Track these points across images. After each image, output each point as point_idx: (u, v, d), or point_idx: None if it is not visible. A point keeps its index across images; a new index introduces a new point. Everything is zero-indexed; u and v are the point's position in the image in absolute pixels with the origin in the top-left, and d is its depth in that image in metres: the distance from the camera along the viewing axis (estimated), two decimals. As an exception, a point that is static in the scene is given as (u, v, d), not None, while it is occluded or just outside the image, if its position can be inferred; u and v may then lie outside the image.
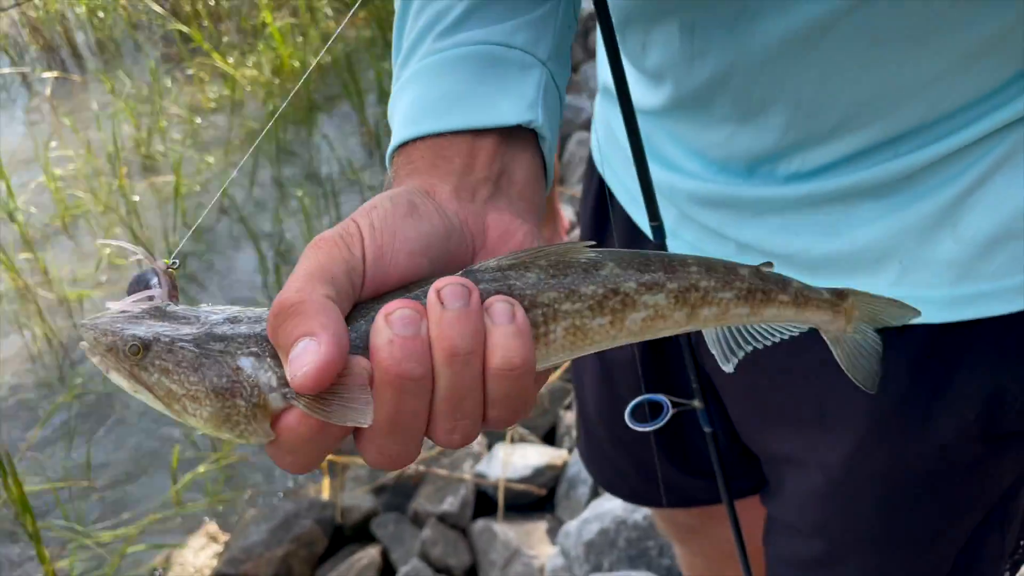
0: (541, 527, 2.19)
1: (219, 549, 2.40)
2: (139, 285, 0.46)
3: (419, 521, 2.29)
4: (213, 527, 2.47)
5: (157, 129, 4.18)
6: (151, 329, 0.44)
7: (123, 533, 2.42)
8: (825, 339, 0.58)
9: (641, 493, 1.04)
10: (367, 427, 0.43)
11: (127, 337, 0.43)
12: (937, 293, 0.69)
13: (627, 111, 0.60)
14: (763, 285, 0.51)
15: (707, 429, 0.75)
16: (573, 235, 2.66)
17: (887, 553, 0.79)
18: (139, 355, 0.43)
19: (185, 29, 4.70)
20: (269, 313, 0.43)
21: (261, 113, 4.36)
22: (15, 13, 5.18)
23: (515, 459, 2.29)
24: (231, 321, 0.44)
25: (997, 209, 0.67)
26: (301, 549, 2.31)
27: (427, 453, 2.43)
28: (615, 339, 0.48)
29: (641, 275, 0.47)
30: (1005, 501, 0.78)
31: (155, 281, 0.46)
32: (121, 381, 0.44)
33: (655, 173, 0.65)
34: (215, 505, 2.55)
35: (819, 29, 0.61)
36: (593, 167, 0.91)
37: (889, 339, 0.60)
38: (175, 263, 0.47)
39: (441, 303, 0.43)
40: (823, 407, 0.77)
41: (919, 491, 0.76)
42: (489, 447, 2.42)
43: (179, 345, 0.43)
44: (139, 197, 3.77)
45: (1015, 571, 0.85)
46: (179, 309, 0.45)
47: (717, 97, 0.69)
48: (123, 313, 0.45)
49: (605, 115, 0.86)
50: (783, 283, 0.52)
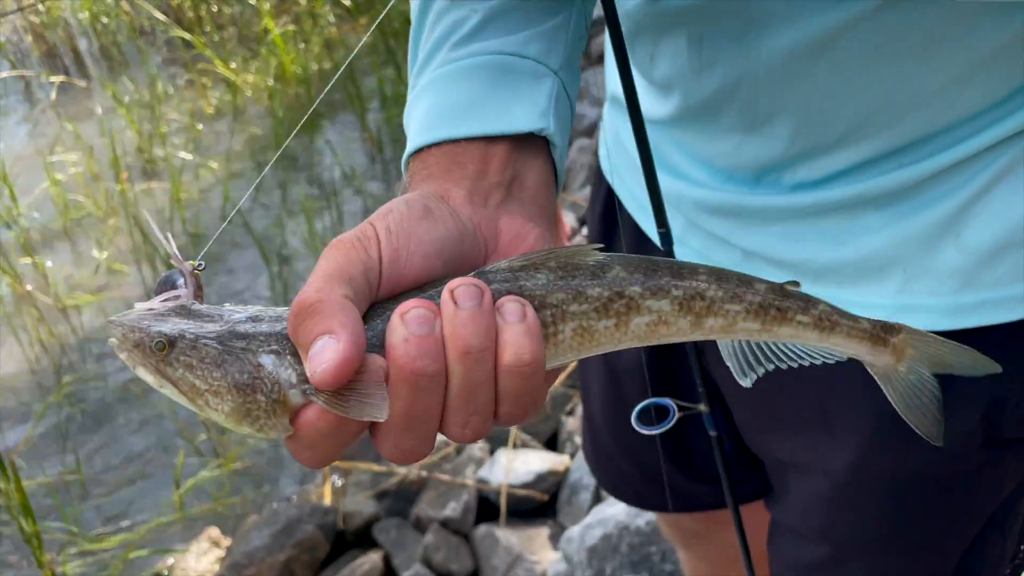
0: (543, 533, 2.19)
1: (221, 554, 2.40)
2: (166, 285, 0.48)
3: (421, 526, 2.29)
4: (215, 532, 2.48)
5: (158, 134, 4.20)
6: (176, 326, 0.45)
7: (126, 539, 2.43)
8: (875, 377, 0.55)
9: (646, 497, 1.04)
10: (383, 422, 0.44)
11: (153, 334, 0.45)
12: (940, 301, 0.70)
13: (636, 121, 0.61)
14: (779, 303, 0.50)
15: (712, 433, 0.76)
16: (574, 241, 2.67)
17: (890, 557, 0.80)
18: (165, 351, 0.45)
19: (187, 36, 4.71)
20: (289, 312, 0.44)
21: (263, 119, 4.38)
22: (16, 19, 5.19)
23: (517, 465, 2.29)
24: (253, 320, 0.46)
25: (1000, 219, 0.68)
26: (303, 554, 2.32)
27: (429, 458, 2.44)
28: (620, 342, 0.49)
29: (647, 280, 0.48)
30: (1006, 506, 0.79)
31: (181, 282, 0.48)
32: (147, 376, 0.46)
33: (663, 181, 0.66)
34: (217, 510, 2.56)
35: (825, 42, 0.62)
36: (601, 175, 0.93)
37: None
38: (201, 265, 0.49)
39: (455, 302, 0.44)
40: (828, 412, 0.78)
41: (922, 496, 0.77)
42: (491, 452, 2.42)
43: (203, 342, 0.45)
44: (140, 202, 3.78)
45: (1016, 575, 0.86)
46: (203, 308, 0.47)
47: (724, 107, 0.71)
48: (150, 311, 0.46)
49: (614, 124, 0.88)
50: (806, 303, 0.51)
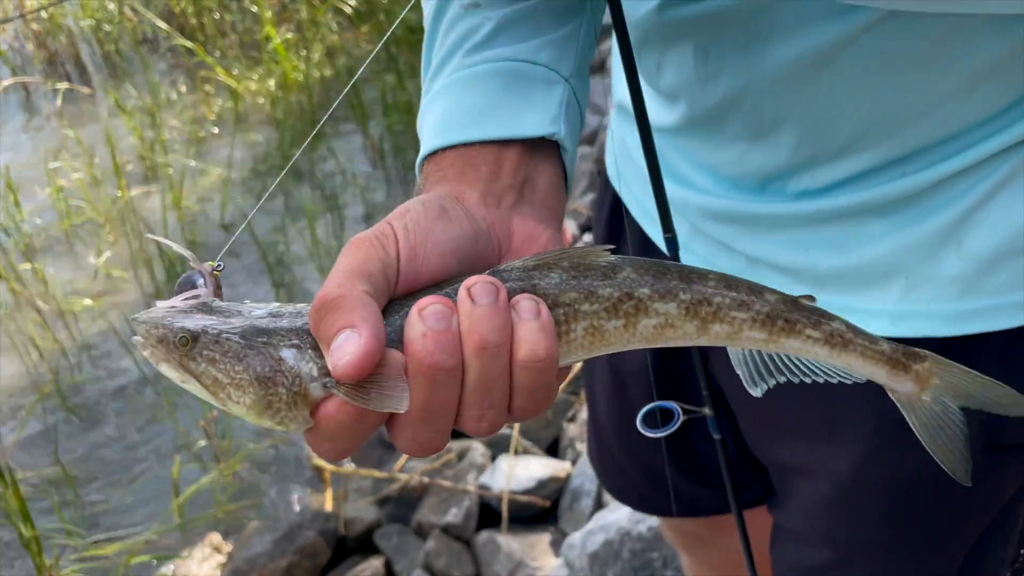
0: (545, 539, 2.20)
1: (222, 560, 2.40)
2: (186, 285, 0.49)
3: (423, 532, 2.30)
4: (216, 538, 2.48)
5: (160, 141, 4.21)
6: (198, 322, 0.46)
7: (128, 546, 2.43)
8: (897, 404, 0.55)
9: (650, 501, 1.05)
10: (401, 415, 0.45)
11: (176, 329, 0.46)
12: (941, 308, 0.71)
13: (644, 128, 0.62)
14: (788, 315, 0.50)
15: (716, 436, 0.77)
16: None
17: (892, 560, 0.81)
18: (188, 346, 0.46)
19: (189, 44, 4.73)
20: (311, 307, 0.46)
21: (265, 126, 4.39)
22: (17, 25, 5.21)
23: (519, 471, 2.30)
24: (273, 315, 0.47)
25: (1000, 227, 0.69)
26: (304, 560, 2.32)
27: (431, 464, 2.45)
28: (629, 342, 0.50)
29: (656, 282, 0.49)
30: (1007, 510, 0.80)
31: (201, 282, 0.49)
32: (170, 372, 0.47)
33: (668, 188, 0.68)
34: (218, 516, 2.56)
35: (829, 53, 0.64)
36: (607, 181, 0.94)
37: None
38: (220, 265, 0.50)
39: (471, 299, 0.45)
40: (831, 417, 0.79)
41: (924, 500, 0.78)
42: (493, 459, 2.43)
43: (225, 337, 0.46)
44: (140, 209, 3.80)
45: (1016, 580, 0.86)
46: (224, 304, 0.48)
47: (729, 117, 0.72)
48: (172, 308, 0.47)
49: (620, 132, 0.89)
50: (818, 318, 0.51)
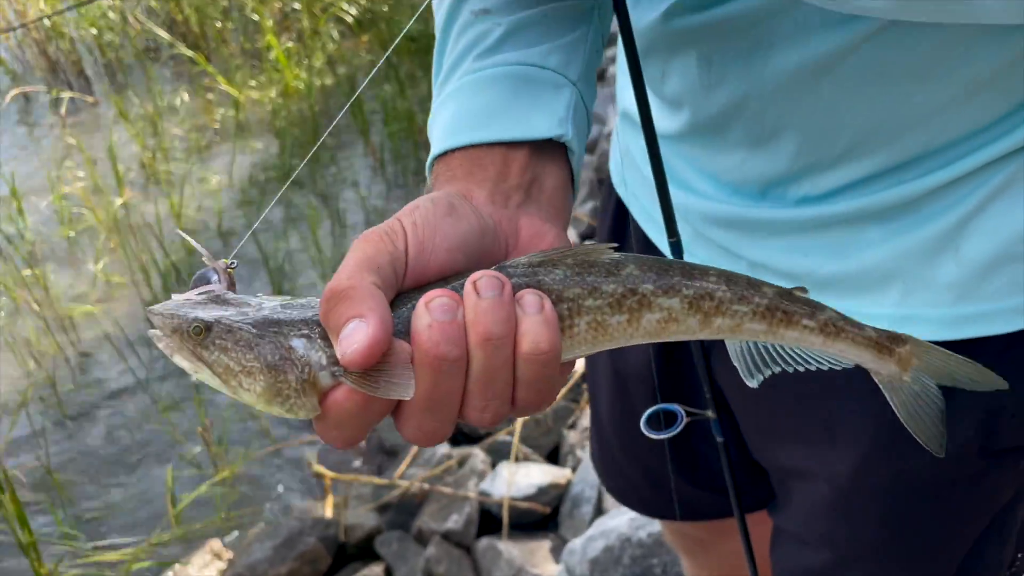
0: (545, 545, 2.20)
1: (223, 566, 2.41)
2: (200, 282, 0.51)
3: (423, 539, 2.30)
4: (217, 544, 2.48)
5: (161, 149, 4.23)
6: (212, 312, 0.48)
7: (127, 555, 2.43)
8: (880, 385, 0.58)
9: (652, 504, 1.06)
10: (407, 403, 0.47)
11: (191, 319, 0.47)
12: (939, 313, 0.73)
13: (650, 134, 0.64)
14: (786, 307, 0.52)
15: (719, 439, 0.78)
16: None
17: (891, 562, 0.82)
18: (201, 335, 0.47)
19: (191, 54, 4.76)
20: (321, 298, 0.47)
21: (266, 134, 4.41)
22: (18, 33, 5.23)
23: (519, 478, 2.31)
24: (284, 307, 0.49)
25: (997, 233, 0.70)
26: (305, 567, 2.32)
27: (431, 471, 2.45)
28: (632, 337, 0.52)
29: (659, 278, 0.51)
30: (1004, 513, 0.81)
31: (215, 278, 0.51)
32: (183, 362, 0.48)
33: (671, 194, 0.69)
34: (218, 523, 2.56)
35: (829, 62, 0.65)
36: (612, 187, 0.95)
37: None
38: (233, 263, 0.52)
39: (477, 293, 0.47)
40: (831, 421, 0.80)
41: (922, 502, 0.79)
42: (493, 466, 2.44)
43: (237, 326, 0.47)
44: (141, 216, 3.81)
45: (1013, 583, 0.87)
46: (236, 297, 0.49)
47: (732, 124, 0.73)
48: (187, 300, 0.49)
49: (624, 139, 0.90)
50: (812, 309, 0.53)
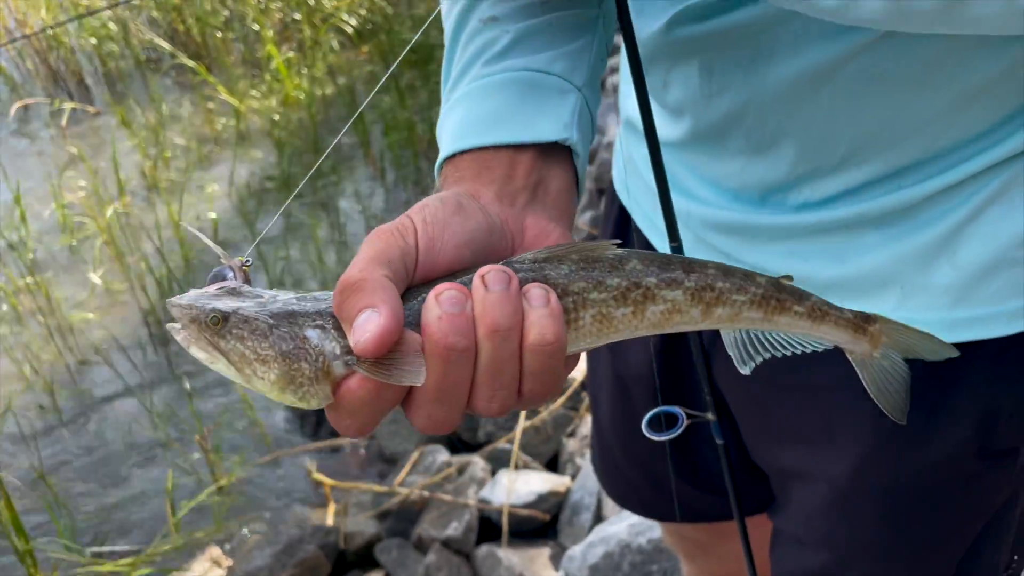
0: (544, 553, 2.21)
1: (223, 574, 2.41)
2: (217, 279, 0.52)
3: (423, 547, 2.31)
4: (217, 552, 2.49)
5: (163, 159, 4.25)
6: (229, 304, 0.49)
7: (128, 563, 2.43)
8: (852, 362, 0.61)
9: (653, 507, 1.07)
10: (418, 393, 0.48)
11: (208, 310, 0.49)
12: (936, 316, 0.74)
13: (652, 144, 0.66)
14: (778, 294, 0.55)
15: (719, 441, 0.80)
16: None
17: (890, 563, 0.83)
18: (219, 325, 0.49)
19: (192, 64, 4.78)
20: (335, 290, 0.49)
21: (266, 142, 4.43)
22: (21, 45, 5.26)
23: (519, 485, 2.32)
24: (299, 300, 0.50)
25: (992, 239, 0.72)
26: (305, 574, 2.33)
27: (431, 479, 2.46)
28: (636, 329, 0.53)
29: (662, 272, 0.52)
30: (1000, 515, 0.82)
31: (231, 275, 0.52)
32: (199, 353, 0.50)
33: (673, 200, 0.70)
34: (219, 531, 2.57)
35: (827, 71, 0.67)
36: (614, 194, 0.97)
37: None
38: (248, 261, 0.53)
39: (485, 286, 0.48)
40: (830, 423, 0.81)
41: (920, 503, 0.80)
42: (493, 473, 2.45)
43: (254, 316, 0.49)
44: (141, 225, 3.83)
45: (1010, 585, 0.89)
46: (252, 290, 0.51)
47: (732, 131, 0.75)
48: (204, 293, 0.51)
49: (627, 147, 0.92)
50: (799, 296, 0.56)
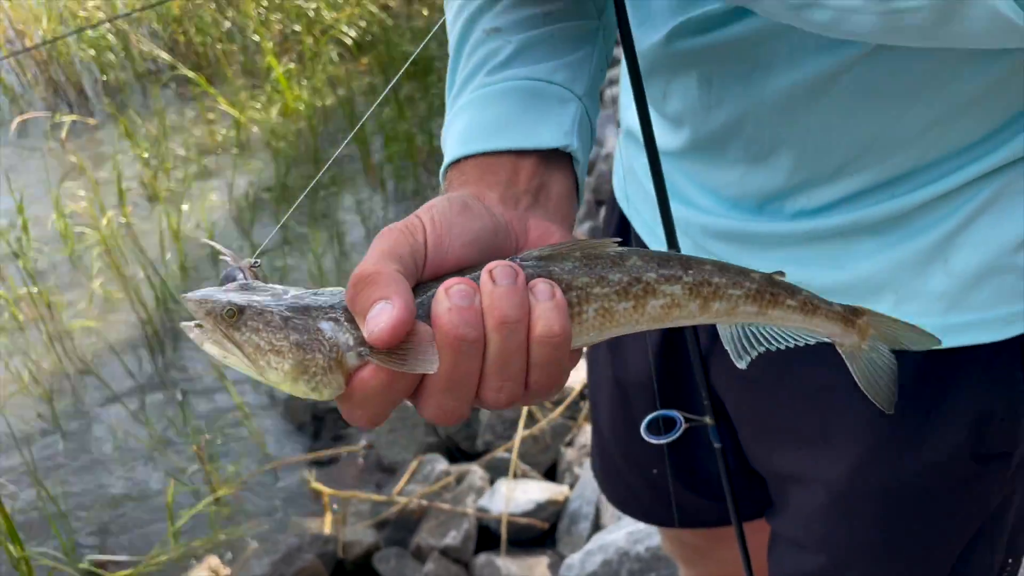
0: (543, 562, 2.22)
1: (221, 582, 2.42)
2: (228, 280, 0.54)
3: (421, 555, 2.31)
4: (215, 561, 2.49)
5: (164, 169, 4.28)
6: (244, 297, 0.51)
7: (130, 573, 2.43)
8: (842, 354, 0.63)
9: (652, 512, 1.09)
10: (429, 383, 0.50)
11: (224, 302, 0.50)
12: (929, 322, 0.75)
13: (652, 154, 0.68)
14: (772, 289, 0.57)
15: (717, 445, 0.81)
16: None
17: (885, 565, 0.84)
18: (234, 318, 0.50)
19: (192, 75, 4.81)
20: (348, 284, 0.50)
21: (266, 151, 4.45)
22: (22, 58, 5.28)
23: (517, 494, 2.32)
24: (312, 294, 0.52)
25: (984, 246, 0.74)
26: (303, 582, 2.33)
27: (429, 487, 2.47)
28: (637, 323, 0.55)
29: (661, 268, 0.54)
30: (994, 518, 0.83)
31: (241, 276, 0.54)
32: (212, 349, 0.51)
33: (672, 208, 0.72)
34: (217, 540, 2.57)
35: (822, 83, 0.69)
36: (615, 202, 0.99)
37: None
38: (257, 263, 0.55)
39: (493, 280, 0.50)
40: (826, 426, 0.82)
41: (916, 505, 0.81)
42: (491, 482, 2.45)
43: (268, 309, 0.50)
44: (140, 234, 3.84)
45: (1004, 588, 0.90)
46: (265, 286, 0.52)
47: (731, 141, 0.77)
48: (218, 289, 0.52)
49: (627, 156, 0.94)
50: (792, 290, 0.58)
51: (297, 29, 5.34)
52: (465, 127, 0.63)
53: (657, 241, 0.89)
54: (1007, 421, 0.78)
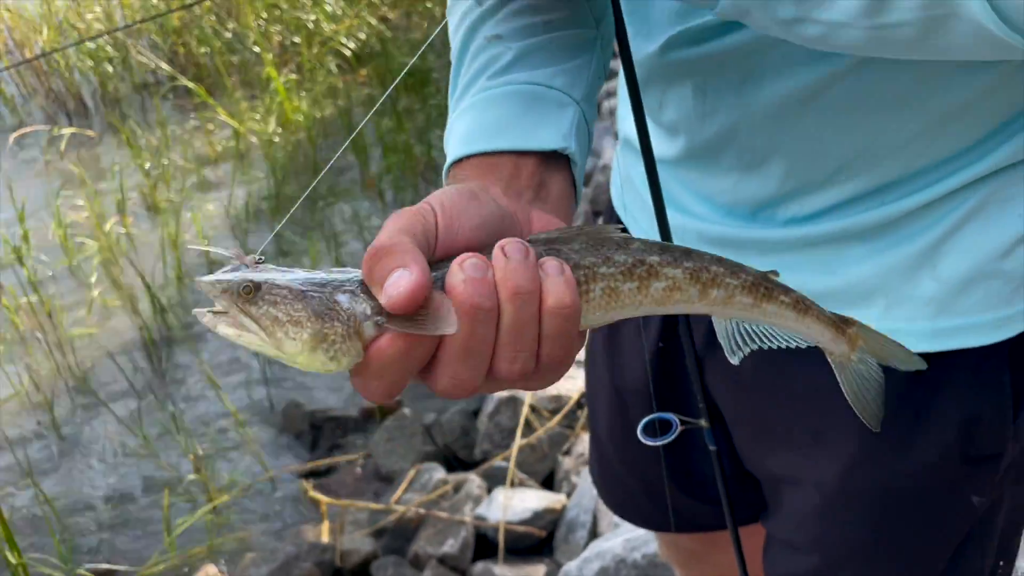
0: (540, 570, 2.23)
1: (219, 590, 2.42)
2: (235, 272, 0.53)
3: (419, 564, 2.32)
4: (212, 570, 2.49)
5: (164, 180, 4.29)
6: (261, 275, 0.51)
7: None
8: (831, 364, 0.64)
9: (648, 517, 1.10)
10: (444, 352, 0.50)
11: (241, 279, 0.50)
12: (919, 326, 0.77)
13: (649, 162, 0.70)
14: (766, 283, 0.59)
15: (712, 447, 0.83)
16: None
17: (878, 566, 0.86)
18: (251, 294, 0.50)
19: (192, 85, 4.83)
20: (365, 256, 0.51)
21: (264, 164, 4.47)
22: (23, 70, 5.31)
23: (515, 502, 2.33)
24: (326, 272, 0.52)
25: (972, 252, 0.75)
26: (301, 591, 2.34)
27: (427, 496, 2.48)
28: (640, 304, 0.56)
29: (663, 252, 0.56)
30: (984, 522, 0.85)
31: (246, 271, 0.53)
32: (227, 330, 0.51)
33: (668, 215, 0.74)
34: (215, 549, 2.57)
35: (813, 93, 0.71)
36: (612, 210, 1.01)
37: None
38: (261, 259, 0.55)
39: (505, 255, 0.51)
40: (818, 428, 0.84)
41: (904, 508, 0.83)
42: (489, 491, 2.46)
43: (286, 284, 0.50)
44: (139, 244, 3.86)
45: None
46: (276, 267, 0.53)
47: (725, 149, 0.79)
48: (229, 270, 0.52)
49: (624, 164, 0.96)
50: (785, 289, 0.60)
51: (296, 41, 5.38)
52: (467, 128, 0.64)
53: (653, 247, 0.91)
54: (995, 424, 0.79)
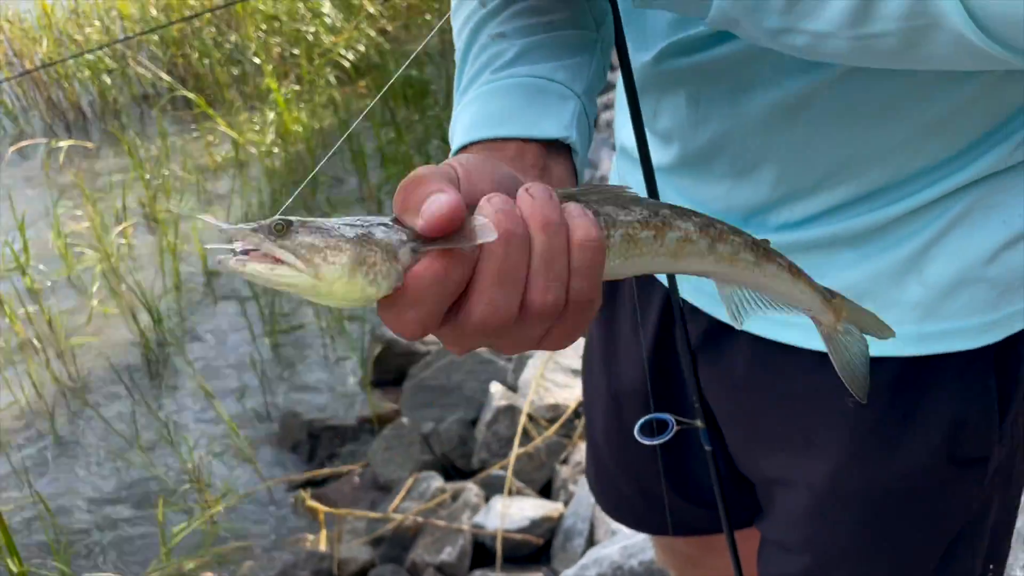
0: (537, 577, 2.24)
1: (217, 599, 2.42)
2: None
3: (417, 572, 2.33)
4: (211, 578, 2.50)
5: (164, 190, 4.31)
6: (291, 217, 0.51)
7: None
8: (820, 336, 0.68)
9: (645, 520, 1.11)
10: (480, 277, 0.51)
11: (274, 219, 0.50)
12: (906, 330, 0.79)
13: (647, 169, 0.72)
14: (765, 245, 0.62)
15: (707, 447, 0.84)
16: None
17: (869, 565, 0.87)
18: (283, 231, 0.49)
19: (192, 96, 4.86)
20: (397, 189, 0.52)
21: (263, 175, 4.50)
22: (23, 81, 5.33)
23: (512, 511, 2.35)
24: (354, 217, 0.52)
25: (958, 258, 0.77)
26: (299, 599, 2.34)
27: (425, 504, 2.49)
28: (656, 255, 0.58)
29: (673, 209, 0.59)
30: (973, 524, 0.86)
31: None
32: (257, 267, 0.50)
33: None
34: (212, 558, 2.57)
35: (802, 101, 0.73)
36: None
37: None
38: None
39: (531, 195, 0.53)
40: (809, 430, 0.86)
41: (896, 507, 0.84)
42: (486, 499, 2.47)
43: (318, 221, 0.50)
44: (138, 254, 3.88)
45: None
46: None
47: (717, 157, 0.81)
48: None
49: (622, 172, 0.98)
50: (780, 253, 0.63)
51: (296, 53, 5.41)
52: (472, 118, 0.67)
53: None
54: (981, 427, 0.81)
